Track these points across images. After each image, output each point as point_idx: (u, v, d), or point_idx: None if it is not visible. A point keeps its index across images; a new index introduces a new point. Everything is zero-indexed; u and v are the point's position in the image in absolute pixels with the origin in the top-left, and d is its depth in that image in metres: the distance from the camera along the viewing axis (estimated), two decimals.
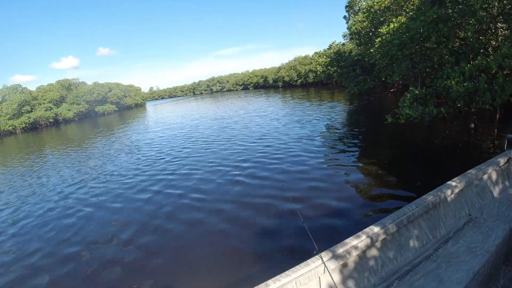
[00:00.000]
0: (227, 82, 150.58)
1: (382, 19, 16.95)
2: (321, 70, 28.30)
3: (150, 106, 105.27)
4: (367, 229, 3.10)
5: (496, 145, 9.98)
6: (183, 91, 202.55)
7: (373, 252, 3.17)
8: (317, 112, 23.20)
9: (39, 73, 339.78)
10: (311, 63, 74.64)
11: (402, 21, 13.35)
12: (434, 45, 10.47)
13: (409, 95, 10.26)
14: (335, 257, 2.81)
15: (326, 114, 21.71)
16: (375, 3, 17.22)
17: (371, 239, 3.03)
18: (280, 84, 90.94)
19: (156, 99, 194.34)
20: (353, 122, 19.18)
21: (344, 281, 2.90)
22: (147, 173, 12.63)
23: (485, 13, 9.18)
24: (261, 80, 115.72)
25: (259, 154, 12.89)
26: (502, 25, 9.70)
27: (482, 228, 3.66)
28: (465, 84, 8.75)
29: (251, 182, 9.91)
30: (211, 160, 13.20)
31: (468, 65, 9.12)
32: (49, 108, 73.80)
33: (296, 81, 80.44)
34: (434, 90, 10.24)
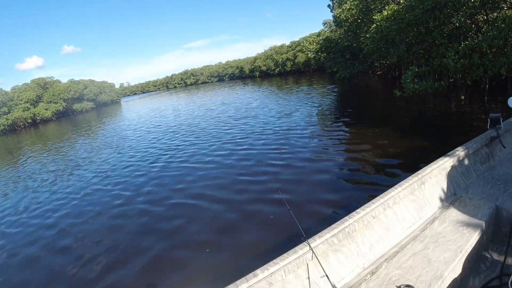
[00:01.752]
0: (201, 74, 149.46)
1: (372, 6, 18.57)
2: (312, 56, 29.83)
3: (124, 102, 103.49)
4: (353, 213, 3.16)
5: (486, 110, 11.84)
6: (156, 86, 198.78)
7: (361, 235, 3.21)
8: (311, 98, 24.64)
9: (3, 75, 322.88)
10: (288, 52, 76.59)
11: (395, 8, 15.09)
12: (430, 30, 12.21)
13: (410, 73, 11.98)
14: (323, 242, 2.84)
15: (321, 98, 23.28)
16: None
17: (358, 222, 3.10)
18: (257, 74, 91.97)
19: (129, 95, 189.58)
20: (347, 103, 20.86)
21: (332, 266, 2.93)
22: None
23: (476, 2, 10.96)
24: (237, 71, 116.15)
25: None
26: (490, 12, 11.56)
27: (468, 207, 3.75)
28: (461, 60, 10.52)
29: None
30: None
31: (462, 45, 10.89)
32: (26, 109, 70.94)
33: (274, 70, 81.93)
34: (431, 68, 12.00)
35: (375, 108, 17.35)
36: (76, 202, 10.06)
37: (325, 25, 38.31)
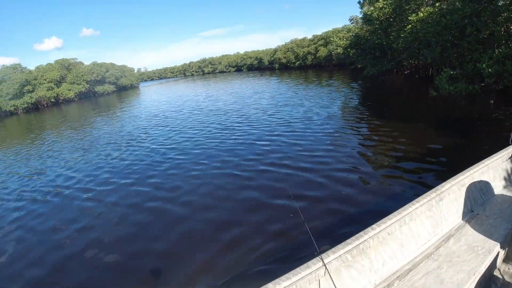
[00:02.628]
0: (219, 63, 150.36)
1: (407, 7, 19.16)
2: (341, 52, 30.57)
3: (143, 87, 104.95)
4: (368, 229, 3.12)
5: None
6: (173, 73, 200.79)
7: (374, 251, 3.17)
8: (338, 93, 25.32)
9: (22, 55, 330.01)
10: (309, 45, 76.74)
11: (431, 11, 15.74)
12: (466, 35, 12.91)
13: (445, 75, 12.75)
14: (336, 258, 2.83)
15: (348, 94, 23.98)
16: None
17: (373, 239, 3.08)
18: (277, 66, 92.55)
19: (145, 80, 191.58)
20: (376, 101, 21.43)
21: (344, 282, 2.91)
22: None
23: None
24: (255, 62, 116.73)
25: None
26: None
27: (484, 226, 3.70)
28: (495, 66, 11.25)
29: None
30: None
31: (496, 52, 11.60)
32: (50, 88, 73.16)
33: (294, 63, 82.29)
34: (465, 71, 12.73)
35: (404, 107, 17.84)
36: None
37: (352, 21, 38.63)
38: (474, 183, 4.19)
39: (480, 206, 4.14)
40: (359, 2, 29.77)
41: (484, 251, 3.26)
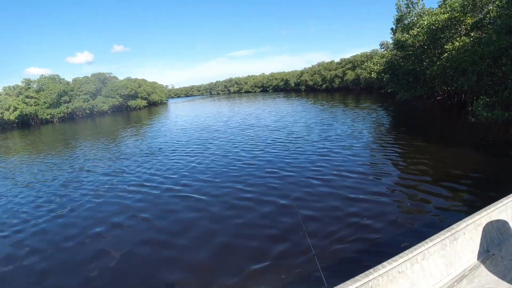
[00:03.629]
0: (245, 83, 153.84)
1: (442, 36, 19.99)
2: (374, 76, 31.56)
3: (171, 103, 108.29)
4: (379, 266, 3.05)
5: None
6: (199, 91, 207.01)
7: None
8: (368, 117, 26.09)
9: (54, 67, 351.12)
10: (336, 68, 78.04)
11: (466, 41, 16.53)
12: (502, 64, 13.62)
13: (481, 102, 13.40)
14: None
15: (383, 116, 24.73)
16: (435, 22, 20.27)
17: (382, 277, 3.01)
18: (303, 87, 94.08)
19: (172, 97, 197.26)
20: (409, 125, 22.07)
21: None
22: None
23: None
24: (281, 83, 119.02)
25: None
26: None
27: (499, 267, 3.60)
28: None
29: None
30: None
31: None
32: (86, 100, 77.43)
33: (321, 85, 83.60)
34: (500, 98, 13.34)
35: (439, 132, 18.35)
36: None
37: (382, 46, 39.66)
38: (492, 223, 4.11)
39: (496, 247, 4.02)
40: (392, 29, 30.90)
41: None
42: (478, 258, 3.85)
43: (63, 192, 12.33)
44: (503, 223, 4.22)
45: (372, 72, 30.54)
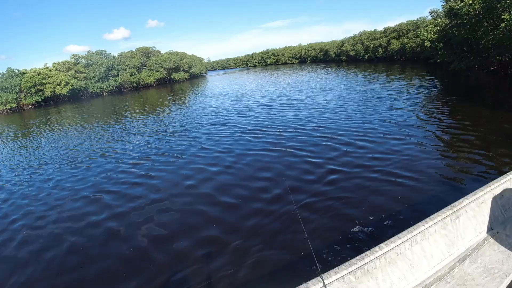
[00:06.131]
0: (282, 55, 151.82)
1: (498, 5, 19.68)
2: (428, 45, 31.36)
3: (210, 76, 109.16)
4: (375, 248, 2.96)
5: None
6: (236, 63, 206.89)
7: (381, 271, 2.95)
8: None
9: (92, 44, 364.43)
10: (380, 38, 75.43)
11: None
12: None
13: None
14: (338, 279, 2.65)
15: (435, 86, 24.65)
16: None
17: (380, 259, 2.90)
18: (344, 58, 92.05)
19: (209, 70, 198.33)
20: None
21: None
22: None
23: None
24: (320, 53, 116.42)
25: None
26: None
27: (503, 245, 3.49)
28: None
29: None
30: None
31: None
32: (133, 74, 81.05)
33: (363, 55, 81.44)
34: None
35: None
36: None
37: (432, 14, 38.32)
38: (496, 199, 3.94)
39: (501, 224, 3.88)
40: None
41: (501, 274, 3.11)
42: (481, 237, 3.72)
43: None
44: (508, 199, 4.06)
45: (426, 41, 30.17)
